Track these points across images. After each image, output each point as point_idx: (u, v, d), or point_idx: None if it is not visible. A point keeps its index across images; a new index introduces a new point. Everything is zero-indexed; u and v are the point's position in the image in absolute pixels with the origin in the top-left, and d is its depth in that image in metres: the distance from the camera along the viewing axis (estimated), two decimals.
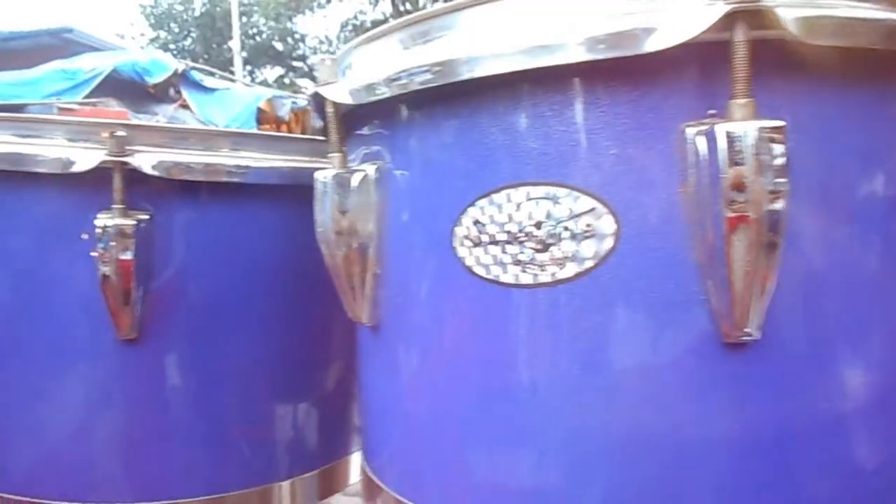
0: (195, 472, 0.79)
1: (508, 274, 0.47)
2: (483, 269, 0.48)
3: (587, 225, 0.44)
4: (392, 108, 0.54)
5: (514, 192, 0.46)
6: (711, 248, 0.41)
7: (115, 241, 0.68)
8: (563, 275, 0.45)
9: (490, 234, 0.47)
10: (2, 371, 0.74)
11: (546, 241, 0.45)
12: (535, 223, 0.45)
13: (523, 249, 0.46)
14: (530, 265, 0.46)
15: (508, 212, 0.46)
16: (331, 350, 0.88)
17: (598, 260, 0.44)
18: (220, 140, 0.75)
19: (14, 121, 0.73)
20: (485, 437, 0.51)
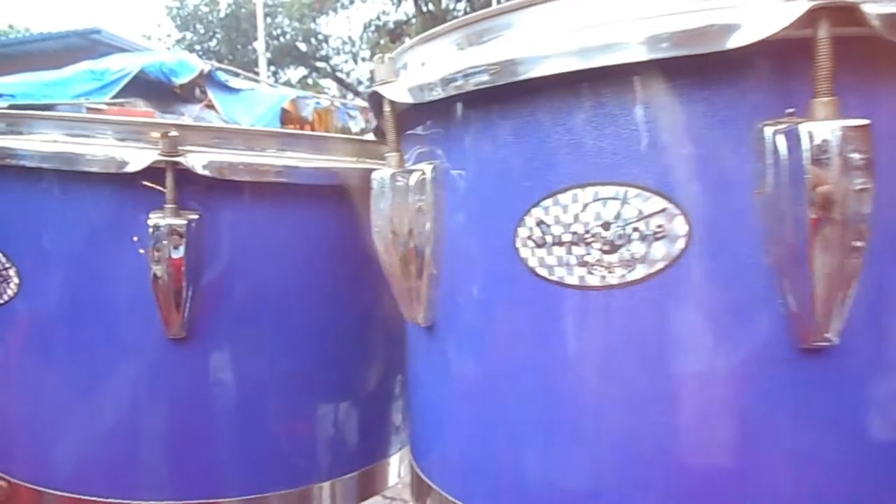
0: (238, 472, 0.79)
1: (574, 276, 0.46)
2: (546, 271, 0.47)
3: (658, 226, 0.43)
4: (449, 107, 0.54)
5: (580, 192, 0.45)
6: (790, 250, 0.40)
7: (166, 241, 0.68)
8: (632, 277, 0.44)
9: (555, 235, 0.46)
10: (52, 369, 0.74)
11: (615, 242, 0.44)
12: (603, 224, 0.44)
13: (590, 251, 0.45)
14: (597, 267, 0.45)
15: (574, 212, 0.45)
16: (372, 350, 0.88)
17: (668, 262, 0.43)
18: (267, 140, 0.75)
19: (65, 120, 0.74)
20: (542, 440, 0.50)
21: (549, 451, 0.50)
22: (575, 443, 0.48)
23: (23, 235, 0.74)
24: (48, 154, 0.70)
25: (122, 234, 0.71)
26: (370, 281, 0.85)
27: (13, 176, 0.74)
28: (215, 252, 0.72)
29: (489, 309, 0.51)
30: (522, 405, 0.50)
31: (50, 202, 0.72)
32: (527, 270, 0.48)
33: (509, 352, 0.50)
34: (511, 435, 0.52)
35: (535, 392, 0.50)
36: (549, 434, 0.50)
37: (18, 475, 0.77)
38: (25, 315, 0.74)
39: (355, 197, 0.82)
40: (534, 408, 0.50)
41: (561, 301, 0.47)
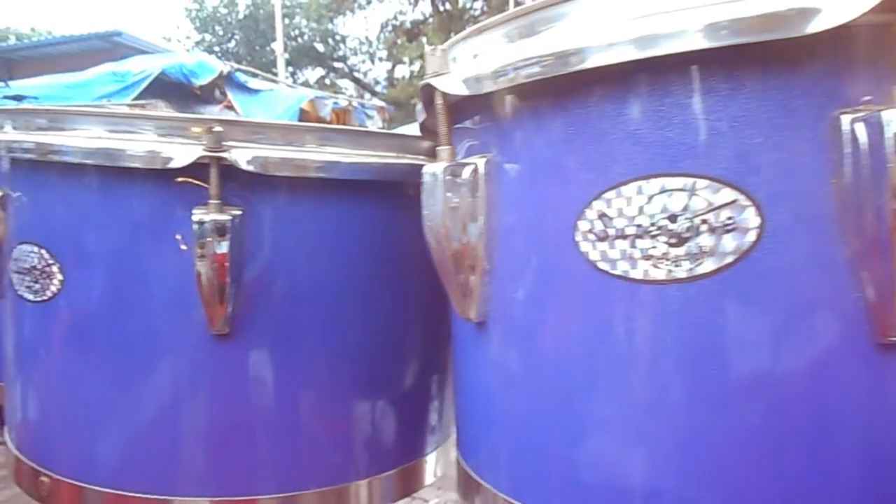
0: (276, 469, 0.79)
1: (638, 269, 0.45)
2: (609, 265, 0.46)
3: (728, 218, 0.42)
4: (503, 99, 0.53)
5: (645, 183, 0.44)
6: (871, 242, 0.39)
7: (210, 236, 0.68)
8: (700, 270, 0.43)
9: (618, 228, 0.45)
10: (95, 365, 0.74)
11: (682, 234, 0.43)
12: (670, 216, 0.43)
13: (655, 244, 0.44)
14: (663, 260, 0.44)
15: (639, 204, 0.44)
16: (411, 348, 0.87)
17: (739, 255, 0.42)
18: (307, 135, 0.75)
19: (107, 115, 0.74)
20: (598, 437, 0.49)
21: (605, 449, 0.49)
22: (634, 440, 0.47)
23: (66, 232, 0.74)
24: (91, 150, 0.70)
25: (166, 229, 0.71)
26: (409, 278, 0.85)
27: (56, 172, 0.74)
28: (257, 248, 0.72)
29: (546, 304, 0.50)
30: (580, 401, 0.49)
31: (93, 198, 0.72)
32: (587, 264, 0.47)
33: (566, 347, 0.49)
34: (565, 431, 0.51)
35: (593, 388, 0.49)
36: (605, 431, 0.49)
37: (60, 471, 0.77)
38: (68, 311, 0.74)
39: (395, 192, 0.81)
40: (592, 404, 0.49)
41: (624, 295, 0.45)
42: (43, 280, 0.74)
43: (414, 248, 0.84)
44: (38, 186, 0.76)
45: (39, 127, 0.76)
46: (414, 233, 0.84)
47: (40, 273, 0.74)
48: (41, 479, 0.78)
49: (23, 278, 0.76)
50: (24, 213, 0.77)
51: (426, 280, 0.86)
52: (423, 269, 0.85)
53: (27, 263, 0.75)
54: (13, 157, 0.78)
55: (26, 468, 0.80)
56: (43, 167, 0.75)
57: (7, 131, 0.78)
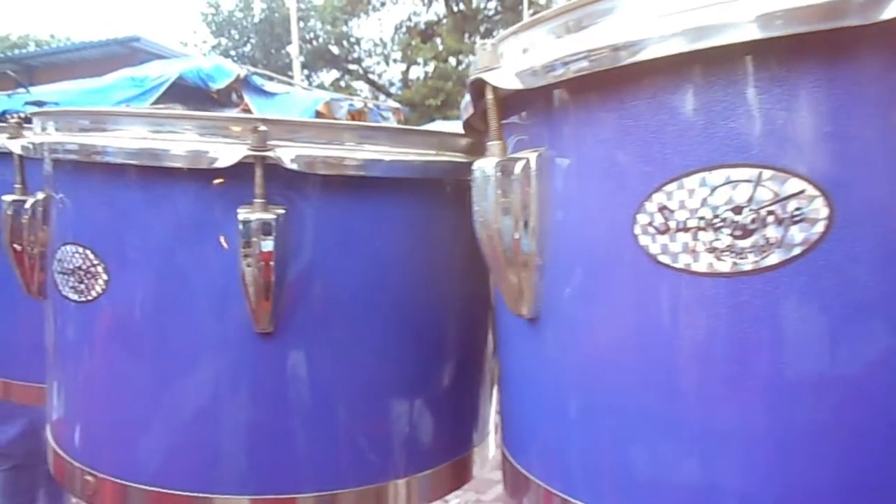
0: (316, 468, 0.79)
1: (701, 262, 0.44)
2: (670, 258, 0.45)
3: (796, 209, 0.41)
4: (555, 92, 0.52)
5: (709, 175, 0.43)
6: None
7: (256, 235, 0.68)
8: (766, 263, 0.42)
9: (679, 221, 0.45)
10: (139, 364, 0.75)
11: (747, 226, 0.42)
12: (734, 208, 0.43)
13: (719, 236, 0.43)
14: (727, 253, 0.43)
15: (702, 196, 0.44)
16: (451, 346, 0.87)
17: (807, 246, 0.41)
18: (347, 133, 0.74)
19: (149, 116, 0.74)
20: (657, 434, 0.49)
21: (664, 445, 0.48)
22: (694, 436, 0.47)
23: (110, 232, 0.74)
24: (136, 150, 0.70)
25: (209, 229, 0.71)
26: (447, 275, 0.85)
27: (100, 173, 0.75)
28: (300, 246, 0.72)
29: (602, 298, 0.50)
30: (638, 397, 0.49)
31: (137, 198, 0.73)
32: (647, 258, 0.46)
33: (625, 343, 0.49)
34: (622, 427, 0.50)
35: (652, 383, 0.48)
36: (664, 427, 0.48)
37: (105, 470, 0.78)
38: (113, 311, 0.75)
39: (434, 190, 0.81)
40: (650, 400, 0.48)
41: (687, 289, 0.45)
42: (88, 280, 0.74)
43: (452, 245, 0.84)
44: (82, 187, 0.77)
45: (82, 128, 0.77)
46: (452, 230, 0.84)
47: (85, 273, 0.75)
48: (86, 479, 0.78)
49: (67, 279, 0.76)
50: (68, 214, 0.78)
51: (464, 277, 0.86)
52: (460, 265, 0.86)
53: (71, 264, 0.76)
54: (56, 158, 0.79)
55: (70, 468, 0.81)
56: (86, 168, 0.76)
57: (50, 133, 0.79)
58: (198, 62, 9.46)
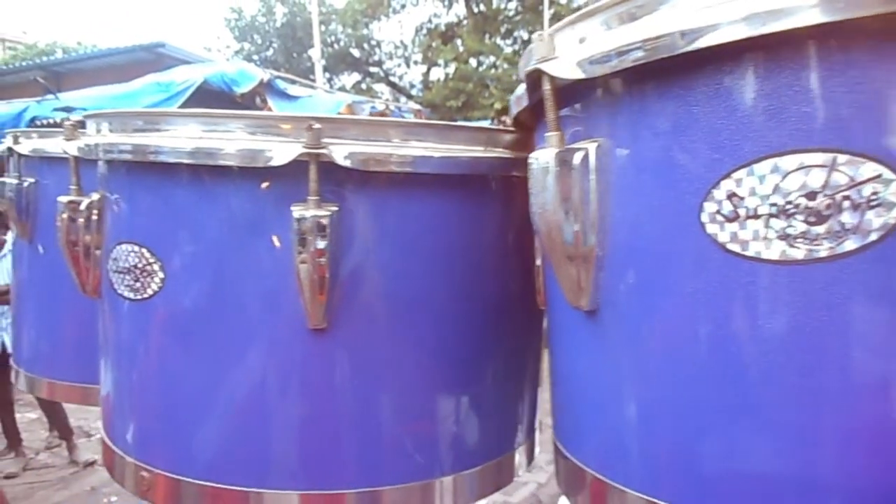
0: (364, 464, 0.79)
1: (772, 250, 0.44)
2: (739, 246, 0.45)
3: (872, 193, 0.41)
4: (614, 82, 0.52)
5: (780, 160, 0.43)
6: None
7: (310, 232, 0.68)
8: (842, 249, 0.42)
9: (749, 208, 0.44)
10: (194, 361, 0.76)
11: (822, 212, 0.42)
12: (808, 193, 0.42)
13: (792, 223, 0.43)
14: (801, 239, 0.43)
15: (774, 182, 0.43)
16: (499, 342, 0.86)
17: (885, 231, 0.41)
18: (395, 130, 0.75)
19: (203, 116, 0.75)
20: (725, 425, 0.48)
21: (732, 437, 0.48)
22: (766, 429, 0.46)
23: (166, 231, 0.75)
24: (191, 150, 0.71)
25: (263, 226, 0.72)
26: (495, 270, 0.85)
27: (155, 173, 0.76)
28: (352, 243, 0.73)
29: (668, 288, 0.50)
30: (706, 388, 0.49)
31: (192, 197, 0.74)
32: (715, 247, 0.46)
33: (692, 332, 0.49)
34: (689, 420, 0.50)
35: (722, 374, 0.48)
36: (734, 419, 0.48)
37: (159, 465, 0.79)
38: (169, 308, 0.76)
39: (480, 186, 0.81)
40: (720, 391, 0.48)
41: (758, 277, 0.45)
42: (144, 279, 0.76)
43: (497, 241, 0.84)
44: (137, 187, 0.78)
45: (136, 128, 0.78)
46: (497, 226, 0.84)
47: (141, 272, 0.76)
48: (141, 475, 0.80)
49: (123, 277, 0.78)
50: (123, 213, 0.79)
51: (509, 273, 0.86)
52: (505, 262, 0.86)
53: (127, 263, 0.77)
54: (111, 158, 0.80)
55: (126, 463, 0.82)
56: (141, 168, 0.77)
57: (105, 134, 0.81)
58: (222, 67, 9.57)
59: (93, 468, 5.02)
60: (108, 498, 4.50)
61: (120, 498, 4.45)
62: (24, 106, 7.33)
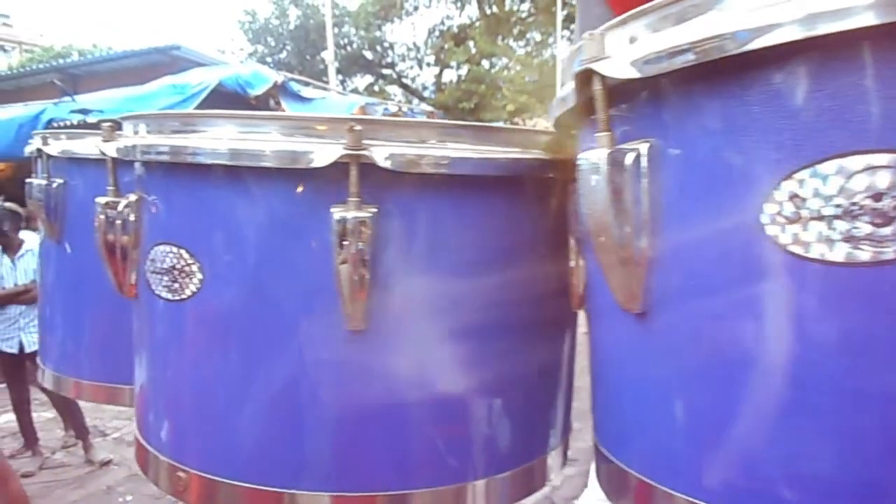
0: (397, 466, 0.79)
1: (837, 252, 0.43)
2: (802, 248, 0.44)
3: None
4: (668, 82, 0.52)
5: (845, 161, 0.42)
6: None
7: (351, 234, 0.68)
8: None
9: (812, 210, 0.44)
10: (232, 362, 0.76)
11: (889, 213, 0.41)
12: (875, 195, 0.41)
13: (857, 224, 0.42)
14: (867, 241, 0.42)
15: (838, 183, 0.43)
16: (534, 344, 0.86)
17: None
18: (431, 131, 0.75)
19: (241, 117, 0.75)
20: (782, 430, 0.48)
21: (798, 442, 0.47)
22: (828, 433, 0.46)
23: (204, 232, 0.76)
24: (231, 151, 0.71)
25: (304, 228, 0.72)
26: (532, 274, 0.84)
27: (193, 174, 0.76)
28: (391, 245, 0.72)
29: (725, 291, 0.49)
30: (763, 393, 0.48)
31: (231, 198, 0.74)
32: (776, 248, 0.45)
33: (751, 335, 0.48)
34: (743, 424, 0.50)
35: (780, 378, 0.47)
36: (792, 424, 0.47)
37: (195, 466, 0.79)
38: (207, 309, 0.76)
39: (515, 188, 0.81)
40: (777, 396, 0.47)
41: (821, 279, 0.44)
42: (182, 279, 0.76)
43: (532, 243, 0.84)
44: (175, 188, 0.78)
45: (174, 129, 0.79)
46: (532, 228, 0.84)
47: (179, 272, 0.76)
48: (177, 475, 0.80)
49: (161, 278, 0.78)
50: (161, 215, 0.80)
51: (544, 276, 0.86)
52: (540, 265, 0.85)
53: (165, 264, 0.77)
54: (147, 159, 0.80)
55: (162, 464, 0.82)
56: (179, 169, 0.77)
57: (142, 135, 0.81)
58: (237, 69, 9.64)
59: (108, 467, 5.06)
60: (123, 497, 4.52)
61: (135, 497, 4.47)
62: (41, 108, 7.41)
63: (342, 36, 14.96)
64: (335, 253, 0.69)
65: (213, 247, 0.75)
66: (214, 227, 0.75)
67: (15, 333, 4.00)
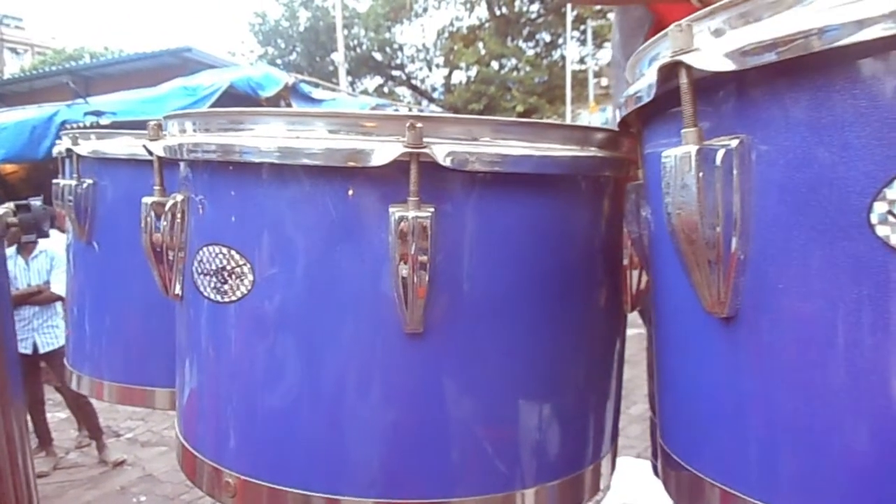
0: (447, 472, 0.77)
1: None
2: None
3: None
4: (763, 75, 0.49)
5: None
6: None
7: (410, 234, 0.66)
8: None
9: None
10: (285, 365, 0.74)
11: None
12: None
13: None
14: None
15: None
16: (588, 349, 0.84)
17: None
18: (491, 129, 0.72)
19: (293, 115, 0.74)
20: (880, 441, 0.45)
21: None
22: None
23: (256, 232, 0.74)
24: (286, 149, 0.69)
25: (358, 227, 0.70)
26: (587, 274, 0.82)
27: (244, 173, 0.74)
28: (449, 245, 0.70)
29: (827, 294, 0.47)
30: (864, 400, 0.46)
31: (284, 198, 0.72)
32: (887, 249, 0.43)
33: (855, 341, 0.46)
34: (839, 432, 0.47)
35: (885, 386, 0.45)
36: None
37: (244, 471, 0.77)
38: (260, 311, 0.74)
39: (572, 186, 0.79)
40: (879, 404, 0.45)
41: None
42: (232, 280, 0.74)
43: (587, 241, 0.82)
44: (224, 188, 0.76)
45: (222, 128, 0.77)
46: (589, 228, 0.81)
47: (230, 273, 0.74)
48: (226, 480, 0.78)
49: (209, 280, 0.76)
50: (209, 215, 0.78)
51: (599, 275, 0.84)
52: (595, 263, 0.83)
53: (214, 265, 0.75)
54: (194, 158, 0.78)
55: (207, 468, 0.80)
56: (228, 168, 0.75)
57: (190, 134, 0.79)
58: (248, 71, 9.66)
59: (122, 468, 5.06)
60: (137, 498, 4.52)
61: (149, 498, 4.47)
62: (54, 110, 7.44)
63: (352, 38, 14.97)
64: (393, 254, 0.67)
65: (265, 247, 0.73)
66: (266, 227, 0.73)
67: (29, 334, 4.00)
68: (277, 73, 9.41)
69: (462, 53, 14.55)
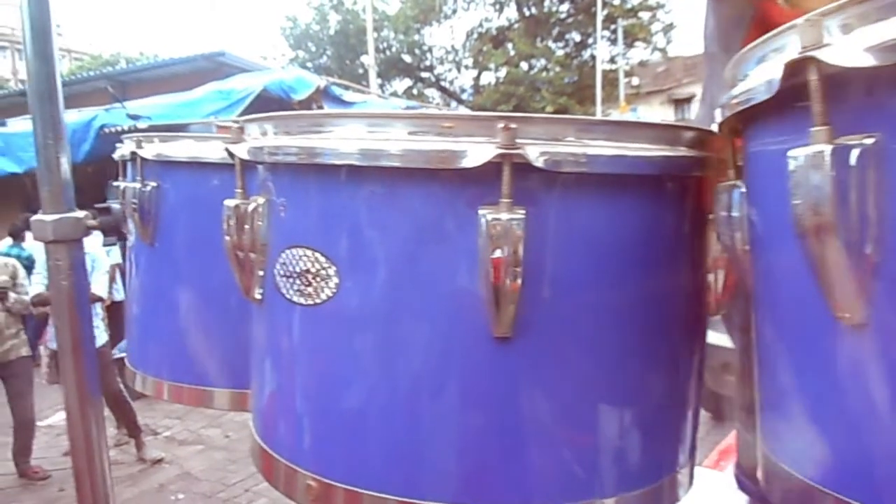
0: (526, 479, 0.75)
1: None
2: None
3: None
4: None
5: None
6: None
7: (502, 237, 0.65)
8: None
9: None
10: (370, 368, 0.73)
11: None
12: None
13: None
14: None
15: None
16: (671, 356, 0.82)
17: None
18: (581, 129, 0.70)
19: (376, 117, 0.73)
20: None
21: None
22: None
23: (342, 235, 0.73)
24: (374, 151, 0.68)
25: (447, 230, 0.69)
26: (672, 277, 0.80)
27: (327, 175, 0.73)
28: (540, 248, 0.69)
29: None
30: None
31: (371, 200, 0.71)
32: None
33: None
34: None
35: None
36: None
37: (328, 474, 0.76)
38: (345, 314, 0.73)
39: (659, 186, 0.77)
40: None
41: None
42: (317, 283, 0.73)
43: (673, 243, 0.79)
44: (308, 190, 0.76)
45: (302, 130, 0.76)
46: (674, 227, 0.79)
47: (314, 276, 0.73)
48: (308, 483, 0.77)
49: (293, 282, 0.76)
50: (291, 217, 0.77)
51: (683, 278, 0.81)
52: (680, 265, 0.81)
53: (298, 267, 0.75)
54: (275, 161, 0.78)
55: (287, 471, 0.80)
56: (311, 171, 0.75)
57: (270, 137, 0.79)
58: (280, 75, 9.77)
59: (160, 466, 5.13)
60: (175, 496, 4.58)
61: (186, 496, 4.52)
62: (93, 114, 7.59)
63: (381, 40, 15.03)
64: (483, 257, 0.66)
65: (351, 250, 0.72)
66: (351, 229, 0.72)
67: None
68: (309, 77, 9.49)
69: (491, 54, 14.53)
